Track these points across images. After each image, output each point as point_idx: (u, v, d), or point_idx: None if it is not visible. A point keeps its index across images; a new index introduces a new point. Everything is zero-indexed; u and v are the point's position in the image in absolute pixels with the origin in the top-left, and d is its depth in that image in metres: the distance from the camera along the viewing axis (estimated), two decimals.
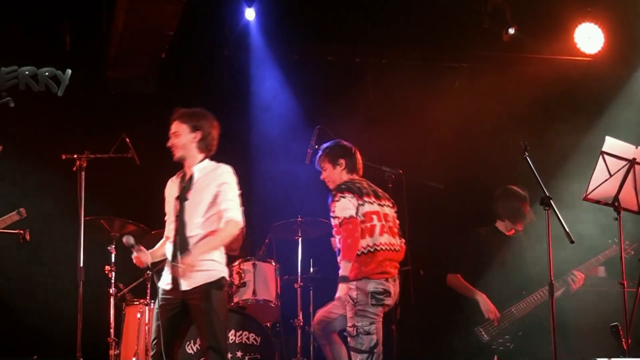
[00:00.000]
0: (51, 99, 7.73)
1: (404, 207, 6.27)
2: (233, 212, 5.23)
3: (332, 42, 8.42)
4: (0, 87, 7.68)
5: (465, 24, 8.35)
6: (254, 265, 6.91)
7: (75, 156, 5.79)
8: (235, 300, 6.81)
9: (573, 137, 7.92)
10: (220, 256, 5.20)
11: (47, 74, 7.78)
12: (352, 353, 5.44)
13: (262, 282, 6.87)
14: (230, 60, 8.24)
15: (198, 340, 6.27)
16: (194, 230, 5.19)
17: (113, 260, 6.49)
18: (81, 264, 5.62)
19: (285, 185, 7.88)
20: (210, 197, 5.25)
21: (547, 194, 5.25)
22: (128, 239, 5.02)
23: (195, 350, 6.29)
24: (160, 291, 5.19)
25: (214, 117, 5.37)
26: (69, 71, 7.85)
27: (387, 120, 8.28)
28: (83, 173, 5.77)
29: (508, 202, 6.63)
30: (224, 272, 5.17)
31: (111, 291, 6.43)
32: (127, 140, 6.17)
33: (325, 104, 8.26)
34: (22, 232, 5.74)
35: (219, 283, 5.11)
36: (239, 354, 6.40)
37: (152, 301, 6.44)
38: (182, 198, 5.25)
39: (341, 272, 5.36)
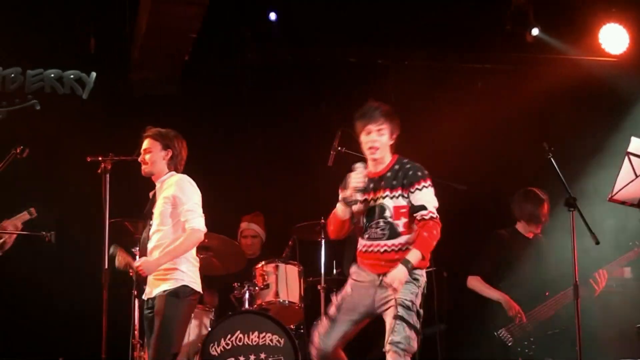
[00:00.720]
0: (76, 102, 7.85)
1: None
2: (193, 221, 5.44)
3: (354, 43, 8.41)
4: (26, 90, 7.78)
5: (488, 25, 8.31)
6: (277, 267, 6.92)
7: (99, 158, 5.81)
8: (259, 302, 6.82)
9: (598, 138, 7.87)
10: (187, 267, 5.43)
11: (72, 76, 7.88)
12: (405, 326, 5.16)
13: (285, 284, 6.87)
14: (253, 62, 8.25)
15: (222, 341, 6.31)
16: (154, 241, 5.49)
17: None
18: (106, 267, 5.63)
19: (308, 187, 7.88)
20: (162, 207, 5.49)
21: (572, 195, 5.22)
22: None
23: (219, 352, 6.31)
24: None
25: (183, 138, 5.73)
26: (94, 74, 7.95)
27: (409, 121, 8.20)
28: (107, 175, 5.79)
29: (524, 204, 6.65)
30: (186, 280, 5.41)
31: (135, 293, 6.45)
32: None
33: (347, 105, 8.22)
34: (47, 234, 5.76)
35: (177, 291, 5.36)
36: (262, 355, 6.41)
37: None
38: (148, 213, 5.56)
39: (412, 259, 4.81)
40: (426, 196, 4.91)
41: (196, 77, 8.12)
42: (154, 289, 5.46)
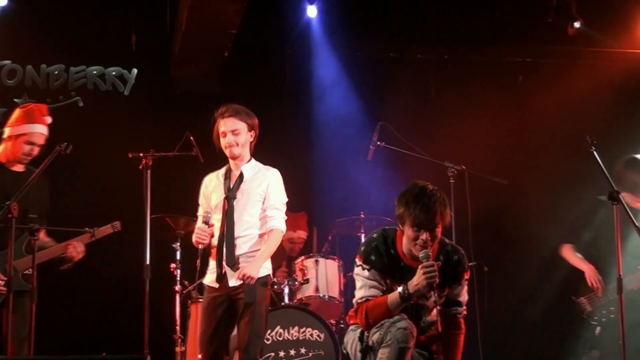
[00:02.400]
0: (118, 98, 7.93)
1: (466, 203, 6.23)
2: (278, 220, 5.42)
3: (394, 38, 8.39)
4: (69, 87, 7.88)
5: (530, 18, 8.25)
6: (317, 262, 6.92)
7: (141, 154, 5.85)
8: (299, 297, 6.83)
9: None
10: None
11: (114, 73, 7.97)
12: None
13: (325, 279, 6.87)
14: (292, 58, 8.27)
15: (269, 330, 6.33)
16: (243, 230, 5.36)
17: (178, 257, 6.56)
18: (147, 262, 5.67)
19: (348, 182, 7.88)
20: (260, 197, 5.41)
21: (615, 189, 5.16)
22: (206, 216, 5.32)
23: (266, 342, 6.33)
24: (205, 288, 5.38)
25: None
26: (135, 71, 8.02)
27: (449, 116, 8.22)
28: (149, 171, 5.82)
29: (628, 173, 6.29)
30: (269, 270, 5.39)
31: (177, 288, 6.50)
32: (192, 138, 6.23)
33: (387, 100, 8.24)
34: (90, 230, 5.78)
35: (265, 280, 5.32)
36: (302, 350, 6.42)
37: None
38: (230, 196, 5.39)
39: None
40: None
41: (236, 73, 8.15)
42: (234, 278, 5.31)
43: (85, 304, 6.97)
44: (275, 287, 6.93)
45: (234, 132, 5.44)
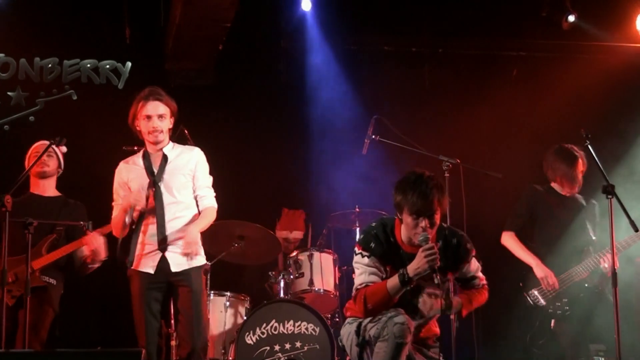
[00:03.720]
0: (112, 92, 7.90)
1: (461, 196, 6.23)
2: (210, 199, 5.43)
3: (388, 31, 8.38)
4: (63, 81, 7.85)
5: (524, 12, 8.25)
6: (312, 255, 6.92)
7: (135, 148, 5.84)
8: (294, 290, 6.83)
9: (637, 124, 7.80)
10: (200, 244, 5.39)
11: (107, 66, 7.95)
12: None
13: (320, 273, 6.87)
14: (287, 51, 8.26)
15: (257, 329, 6.33)
16: (174, 212, 5.33)
17: None
18: None
19: (343, 176, 7.87)
20: (189, 177, 5.39)
21: (610, 182, 5.17)
22: None
23: (254, 340, 6.33)
24: (142, 276, 5.32)
25: None
26: (129, 64, 8.00)
27: (444, 109, 8.22)
28: None
29: (557, 163, 6.46)
30: (204, 259, 5.46)
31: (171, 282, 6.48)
32: (186, 131, 6.22)
33: (381, 93, 8.24)
34: (84, 223, 5.81)
35: (205, 268, 5.48)
36: (297, 344, 6.42)
37: (210, 292, 6.50)
38: (156, 180, 5.34)
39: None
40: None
41: (231, 67, 8.14)
42: (179, 262, 5.33)
43: (81, 298, 6.95)
44: (270, 281, 6.94)
45: (161, 117, 5.38)
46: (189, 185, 5.41)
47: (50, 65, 7.79)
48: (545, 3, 8.13)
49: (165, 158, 5.41)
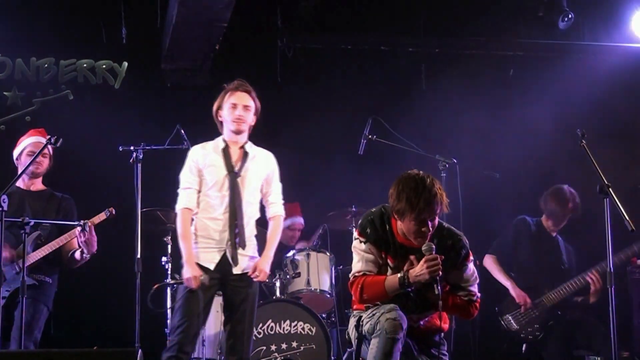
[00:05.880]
0: (108, 92, 7.90)
1: (458, 196, 6.23)
2: (280, 207, 5.43)
3: (386, 31, 8.38)
4: (59, 81, 7.84)
5: (520, 12, 8.26)
6: (308, 255, 6.93)
7: (131, 148, 5.84)
8: (290, 290, 6.84)
9: (636, 125, 7.81)
10: None
11: (104, 66, 7.94)
12: None
13: (316, 273, 6.88)
14: (284, 51, 8.25)
15: (260, 324, 6.32)
16: (250, 211, 5.28)
17: (169, 251, 6.55)
18: (138, 256, 5.65)
19: (339, 175, 7.87)
20: (261, 180, 5.36)
21: (606, 182, 5.17)
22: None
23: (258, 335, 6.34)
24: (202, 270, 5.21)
25: None
26: (126, 64, 7.99)
27: (441, 109, 8.22)
28: (139, 164, 5.82)
29: (550, 202, 6.75)
30: None
31: (168, 282, 6.49)
32: (182, 131, 6.22)
33: (378, 93, 8.24)
34: (81, 223, 5.80)
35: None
36: (294, 344, 6.43)
37: None
38: (235, 173, 5.25)
39: None
40: None
41: (227, 67, 8.13)
42: (244, 266, 5.25)
43: (76, 297, 6.95)
44: (267, 280, 6.93)
45: (246, 108, 5.34)
46: (259, 188, 5.38)
47: (46, 65, 7.78)
48: (542, 3, 8.14)
49: (245, 154, 5.35)
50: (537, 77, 8.41)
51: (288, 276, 6.84)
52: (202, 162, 5.33)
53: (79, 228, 5.63)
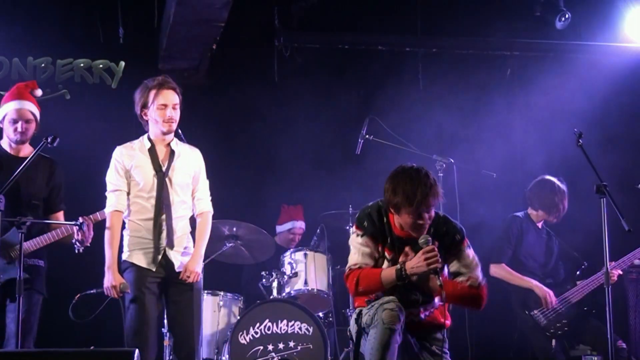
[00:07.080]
0: (105, 91, 7.89)
1: (454, 196, 6.24)
2: (207, 203, 5.37)
3: (382, 31, 8.39)
4: (56, 80, 7.83)
5: (517, 11, 8.27)
6: (306, 255, 6.93)
7: None
8: (287, 290, 6.84)
9: (634, 125, 7.81)
10: None
11: (101, 66, 7.93)
12: None
13: (314, 272, 6.87)
14: (281, 51, 8.25)
15: (251, 329, 6.32)
16: (179, 210, 5.23)
17: None
18: None
19: (337, 175, 7.87)
20: (190, 177, 5.30)
21: (602, 182, 5.18)
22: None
23: (248, 340, 6.33)
24: (136, 269, 5.19)
25: None
26: (123, 64, 7.98)
27: (438, 109, 8.22)
28: None
29: (542, 192, 6.65)
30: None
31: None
32: (180, 131, 6.20)
33: (375, 93, 8.24)
34: (78, 223, 5.77)
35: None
36: (291, 343, 6.43)
37: (204, 292, 6.49)
38: (163, 173, 5.21)
39: None
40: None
41: (224, 67, 8.13)
42: (180, 262, 5.25)
43: (73, 297, 6.93)
44: (264, 280, 6.93)
45: (175, 107, 5.30)
46: (190, 185, 5.34)
47: (43, 65, 7.77)
48: (538, 3, 8.14)
49: (172, 153, 5.31)
50: (535, 77, 8.41)
51: (285, 276, 6.84)
52: (128, 163, 5.28)
53: (76, 227, 5.59)
